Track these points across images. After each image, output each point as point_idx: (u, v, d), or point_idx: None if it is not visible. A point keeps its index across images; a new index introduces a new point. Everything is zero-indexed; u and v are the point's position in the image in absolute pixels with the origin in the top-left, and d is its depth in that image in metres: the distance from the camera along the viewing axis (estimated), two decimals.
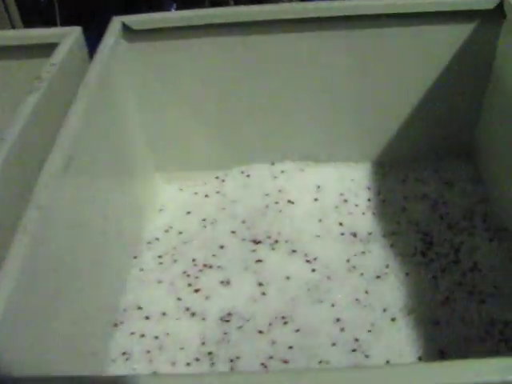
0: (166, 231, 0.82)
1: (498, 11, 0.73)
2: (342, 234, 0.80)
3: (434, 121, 0.86)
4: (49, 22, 1.44)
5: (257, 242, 0.78)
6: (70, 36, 0.74)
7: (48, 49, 0.71)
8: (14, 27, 1.53)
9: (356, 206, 0.84)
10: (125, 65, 0.76)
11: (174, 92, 0.82)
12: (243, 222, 0.81)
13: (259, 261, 0.76)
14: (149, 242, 0.80)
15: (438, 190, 0.85)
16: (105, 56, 0.69)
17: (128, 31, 0.75)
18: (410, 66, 0.80)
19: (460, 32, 0.75)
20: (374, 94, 0.84)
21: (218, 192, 0.86)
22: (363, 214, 0.83)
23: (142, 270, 0.77)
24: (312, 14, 0.75)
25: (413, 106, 0.85)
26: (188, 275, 0.75)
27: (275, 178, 0.86)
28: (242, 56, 0.79)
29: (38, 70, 0.68)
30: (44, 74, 0.67)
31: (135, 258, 0.78)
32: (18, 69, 0.74)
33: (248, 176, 0.87)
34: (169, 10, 1.29)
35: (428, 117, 0.86)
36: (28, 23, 1.42)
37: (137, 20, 0.74)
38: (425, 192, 0.85)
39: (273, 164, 0.89)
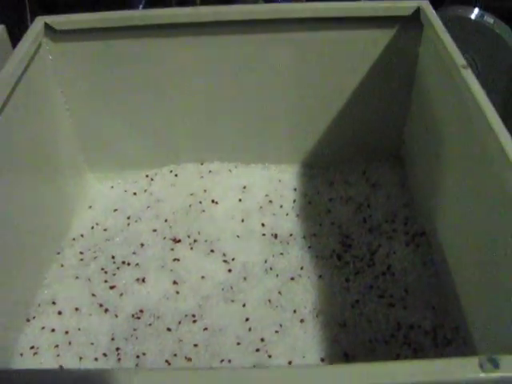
0: (92, 228, 0.83)
1: (418, 18, 0.74)
2: (263, 235, 0.81)
3: (362, 124, 0.88)
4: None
5: (176, 241, 0.80)
6: None
7: None
8: None
9: (280, 207, 0.85)
10: (47, 63, 0.77)
11: (102, 93, 0.83)
12: (166, 220, 0.82)
13: (176, 259, 0.77)
14: (73, 239, 0.82)
15: (364, 193, 0.87)
16: (23, 53, 0.70)
17: (51, 31, 0.76)
18: (338, 70, 0.81)
19: (383, 38, 0.77)
20: (304, 97, 0.85)
21: (145, 190, 0.87)
22: (287, 215, 0.84)
23: (62, 265, 0.78)
24: (247, 17, 0.76)
25: (342, 110, 0.86)
26: (105, 272, 0.76)
27: (202, 177, 0.87)
28: (172, 56, 0.80)
29: None
30: None
31: (58, 253, 0.79)
32: None
33: (176, 175, 0.88)
34: (137, 7, 1.30)
35: (357, 120, 0.87)
36: None
37: (59, 20, 0.75)
38: (351, 195, 0.86)
39: (202, 164, 0.90)
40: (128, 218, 0.83)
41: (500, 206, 0.54)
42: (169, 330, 0.69)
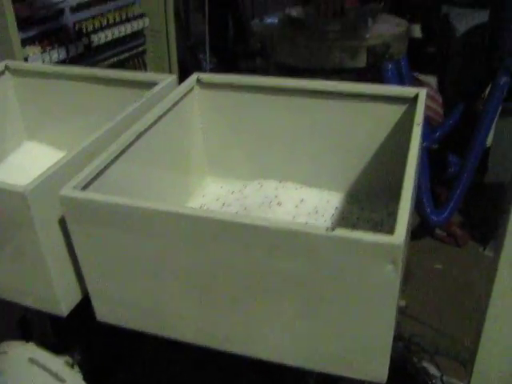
0: (200, 207, 1.31)
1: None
2: None
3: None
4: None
5: None
6: (170, 78, 1.29)
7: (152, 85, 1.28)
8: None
9: (322, 215, 1.27)
10: (195, 102, 1.30)
11: (228, 126, 1.34)
12: (245, 208, 1.28)
13: None
14: None
15: (381, 217, 1.26)
16: (180, 93, 1.23)
17: (201, 82, 1.29)
18: (353, 135, 1.24)
19: (393, 112, 1.19)
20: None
21: (240, 191, 1.34)
22: (325, 221, 1.26)
23: None
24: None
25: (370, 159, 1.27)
26: None
27: (276, 189, 1.33)
28: (275, 113, 1.29)
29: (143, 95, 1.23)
30: (145, 96, 1.22)
31: None
32: (129, 94, 1.30)
33: (261, 186, 1.35)
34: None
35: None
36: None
37: (207, 76, 1.28)
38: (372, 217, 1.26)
39: (280, 182, 1.36)
40: (223, 204, 1.31)
41: None
42: None
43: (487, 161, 3.02)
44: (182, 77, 1.35)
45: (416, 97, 1.16)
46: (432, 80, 3.59)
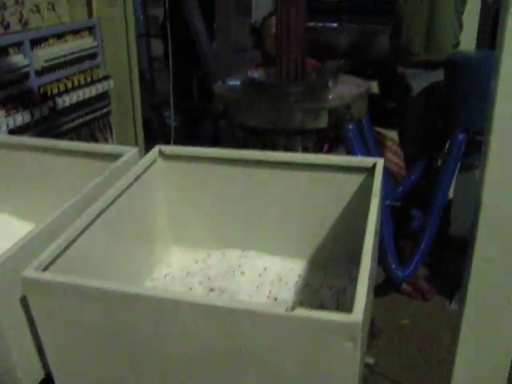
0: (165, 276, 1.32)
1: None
2: (268, 297, 1.24)
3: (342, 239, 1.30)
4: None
5: (211, 290, 1.25)
6: (132, 151, 1.31)
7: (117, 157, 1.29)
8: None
9: (285, 283, 1.28)
10: (158, 173, 1.31)
11: (190, 196, 1.35)
12: (209, 278, 1.29)
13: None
14: (152, 280, 1.30)
15: (344, 283, 1.28)
16: (143, 165, 1.25)
17: (163, 155, 1.31)
18: (314, 204, 1.26)
19: (352, 181, 1.22)
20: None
21: (203, 260, 1.35)
22: (288, 289, 1.27)
23: None
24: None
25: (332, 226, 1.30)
26: None
27: (240, 258, 1.34)
28: (236, 183, 1.31)
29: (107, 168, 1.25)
30: (108, 170, 1.24)
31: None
32: (92, 166, 1.31)
33: (224, 255, 1.36)
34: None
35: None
36: None
37: (168, 149, 1.30)
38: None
39: (243, 251, 1.37)
40: (187, 273, 1.31)
41: None
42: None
43: (450, 214, 3.08)
44: (147, 135, 1.37)
45: (374, 166, 1.19)
46: (393, 134, 3.68)
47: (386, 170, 3.25)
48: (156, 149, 1.31)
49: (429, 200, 2.75)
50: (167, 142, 3.76)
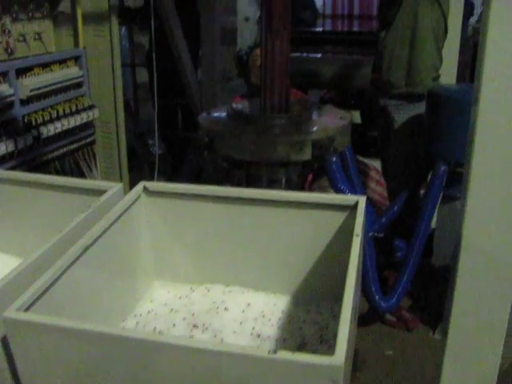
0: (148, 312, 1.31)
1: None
2: (251, 334, 1.25)
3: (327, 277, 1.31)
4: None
5: (194, 326, 1.25)
6: (116, 187, 1.31)
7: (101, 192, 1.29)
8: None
9: (269, 320, 1.29)
10: (142, 209, 1.32)
11: (174, 232, 1.36)
12: (193, 314, 1.29)
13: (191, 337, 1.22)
14: (135, 315, 1.30)
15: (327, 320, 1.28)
16: (127, 202, 1.25)
17: (147, 190, 1.32)
18: (297, 240, 1.28)
19: (335, 218, 1.23)
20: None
21: (187, 296, 1.35)
22: (271, 325, 1.27)
23: (123, 328, 1.25)
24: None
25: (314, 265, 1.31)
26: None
27: (224, 294, 1.34)
28: (220, 219, 1.32)
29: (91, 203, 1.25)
30: (92, 206, 1.24)
31: (123, 321, 1.28)
32: (77, 201, 1.31)
33: (208, 290, 1.36)
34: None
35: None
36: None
37: (153, 184, 1.31)
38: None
39: (227, 286, 1.37)
40: (171, 310, 1.31)
41: None
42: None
43: (433, 244, 3.10)
44: (131, 163, 1.38)
45: (356, 204, 1.21)
46: (376, 164, 3.72)
47: (369, 199, 3.29)
48: (140, 185, 1.32)
49: (412, 230, 2.77)
50: (152, 171, 3.78)
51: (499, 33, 1.27)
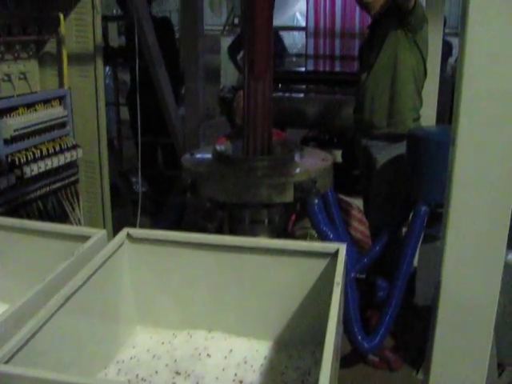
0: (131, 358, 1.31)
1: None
2: (233, 381, 1.25)
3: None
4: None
5: (177, 373, 1.25)
6: (100, 233, 1.32)
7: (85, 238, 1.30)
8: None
9: (251, 366, 1.29)
10: (125, 256, 1.33)
11: (157, 279, 1.37)
12: (175, 360, 1.29)
13: None
14: (117, 362, 1.30)
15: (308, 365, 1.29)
16: (111, 249, 1.26)
17: (131, 237, 1.33)
18: (278, 286, 1.29)
19: (316, 265, 1.25)
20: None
21: (169, 342, 1.35)
22: (254, 371, 1.28)
23: (106, 374, 1.25)
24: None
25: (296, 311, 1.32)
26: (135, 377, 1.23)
27: (206, 340, 1.35)
28: (202, 266, 1.33)
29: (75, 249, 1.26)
30: (76, 253, 1.25)
31: (105, 368, 1.27)
32: (60, 247, 1.32)
33: (191, 336, 1.36)
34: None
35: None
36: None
37: (136, 232, 1.32)
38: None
39: (209, 332, 1.37)
40: (153, 356, 1.31)
41: None
42: None
43: (415, 283, 3.12)
44: (114, 201, 1.39)
45: (337, 252, 1.23)
46: (357, 202, 3.76)
47: (351, 238, 3.30)
48: (124, 231, 1.33)
49: (394, 270, 2.78)
50: (134, 208, 3.77)
51: (475, 75, 1.31)
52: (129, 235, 1.33)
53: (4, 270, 1.45)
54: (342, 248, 1.23)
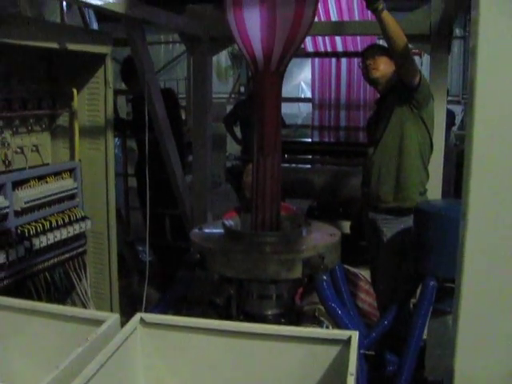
0: None
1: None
2: None
3: None
4: None
5: None
6: (112, 318, 1.33)
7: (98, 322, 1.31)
8: None
9: None
10: (138, 341, 1.33)
11: (169, 363, 1.36)
12: None
13: None
14: None
15: None
16: (124, 334, 1.27)
17: (144, 321, 1.33)
18: (291, 374, 1.29)
19: (328, 352, 1.25)
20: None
21: None
22: None
23: None
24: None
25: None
26: None
27: None
28: (214, 351, 1.33)
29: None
30: (89, 339, 1.25)
31: None
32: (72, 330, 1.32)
33: None
34: None
35: None
36: None
37: (150, 316, 1.33)
38: None
39: None
40: None
41: None
42: None
43: (424, 358, 3.07)
44: (121, 270, 1.39)
45: (349, 339, 1.23)
46: (365, 273, 3.75)
47: (359, 309, 3.28)
48: (137, 316, 1.34)
49: (403, 344, 2.76)
50: (141, 278, 3.77)
51: (484, 151, 1.31)
52: (142, 320, 1.33)
53: (16, 351, 1.45)
54: (355, 335, 1.23)
